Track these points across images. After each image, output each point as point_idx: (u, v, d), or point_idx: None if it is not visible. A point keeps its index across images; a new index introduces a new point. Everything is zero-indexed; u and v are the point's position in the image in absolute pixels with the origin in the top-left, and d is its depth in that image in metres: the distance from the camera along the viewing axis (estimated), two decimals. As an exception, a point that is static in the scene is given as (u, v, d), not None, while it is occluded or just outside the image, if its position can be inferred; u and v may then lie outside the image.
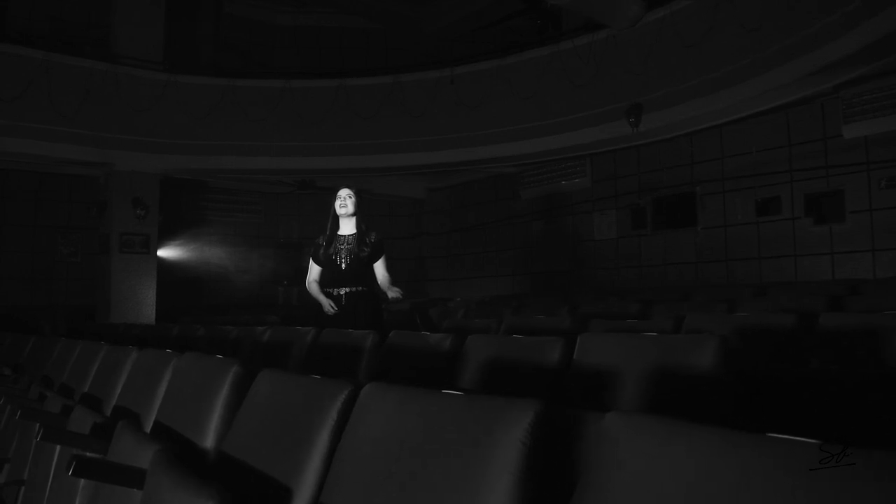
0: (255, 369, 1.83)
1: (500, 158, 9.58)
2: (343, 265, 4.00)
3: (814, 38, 6.30)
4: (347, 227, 4.13)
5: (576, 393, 2.08)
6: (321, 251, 4.12)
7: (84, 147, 8.67)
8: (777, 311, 3.10)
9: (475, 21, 11.46)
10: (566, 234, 10.43)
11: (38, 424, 2.19)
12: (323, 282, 4.12)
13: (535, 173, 10.51)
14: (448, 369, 2.56)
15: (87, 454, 2.03)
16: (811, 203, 7.69)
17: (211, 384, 1.90)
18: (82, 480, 1.81)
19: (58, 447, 2.21)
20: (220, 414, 1.81)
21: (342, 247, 4.06)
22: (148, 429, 2.22)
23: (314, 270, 4.16)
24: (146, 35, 9.39)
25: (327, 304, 3.96)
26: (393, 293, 3.89)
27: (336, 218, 4.14)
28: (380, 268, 4.08)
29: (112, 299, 9.19)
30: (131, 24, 9.36)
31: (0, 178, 10.16)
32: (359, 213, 4.14)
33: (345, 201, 4.09)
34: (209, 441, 1.79)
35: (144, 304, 9.35)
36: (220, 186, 11.67)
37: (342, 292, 3.99)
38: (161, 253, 10.14)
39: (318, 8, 12.15)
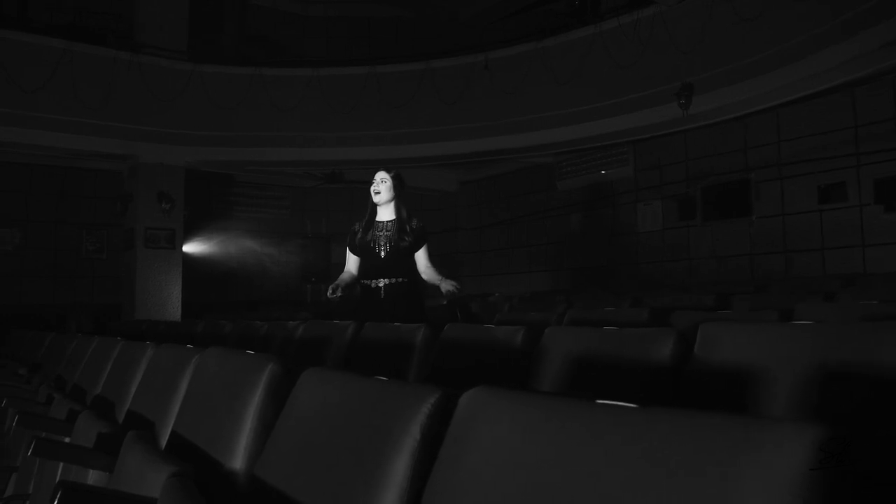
0: (296, 368, 1.41)
1: (538, 146, 9.11)
2: (382, 253, 3.59)
3: (882, 8, 5.73)
4: (386, 213, 3.72)
5: (700, 398, 1.63)
6: (357, 238, 3.71)
7: (107, 139, 8.47)
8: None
9: (504, 9, 10.99)
10: (606, 227, 9.91)
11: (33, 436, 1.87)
12: (360, 273, 3.72)
13: (573, 162, 10.00)
14: (521, 369, 2.12)
15: (90, 471, 1.68)
16: (881, 188, 7.08)
17: (241, 387, 1.49)
18: None
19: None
20: (252, 426, 1.39)
21: (381, 234, 3.64)
22: (164, 441, 1.83)
23: (350, 261, 3.75)
24: (170, 24, 9.18)
25: (331, 289, 3.48)
26: (446, 286, 3.41)
27: (374, 202, 3.74)
28: (422, 258, 3.66)
29: (137, 296, 8.94)
30: (155, 14, 9.15)
31: (24, 174, 9.99)
32: (398, 197, 3.73)
33: (377, 187, 3.67)
34: (238, 461, 1.38)
35: (170, 301, 9.10)
36: (247, 180, 11.40)
37: (381, 284, 3.58)
38: (186, 248, 9.88)
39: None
